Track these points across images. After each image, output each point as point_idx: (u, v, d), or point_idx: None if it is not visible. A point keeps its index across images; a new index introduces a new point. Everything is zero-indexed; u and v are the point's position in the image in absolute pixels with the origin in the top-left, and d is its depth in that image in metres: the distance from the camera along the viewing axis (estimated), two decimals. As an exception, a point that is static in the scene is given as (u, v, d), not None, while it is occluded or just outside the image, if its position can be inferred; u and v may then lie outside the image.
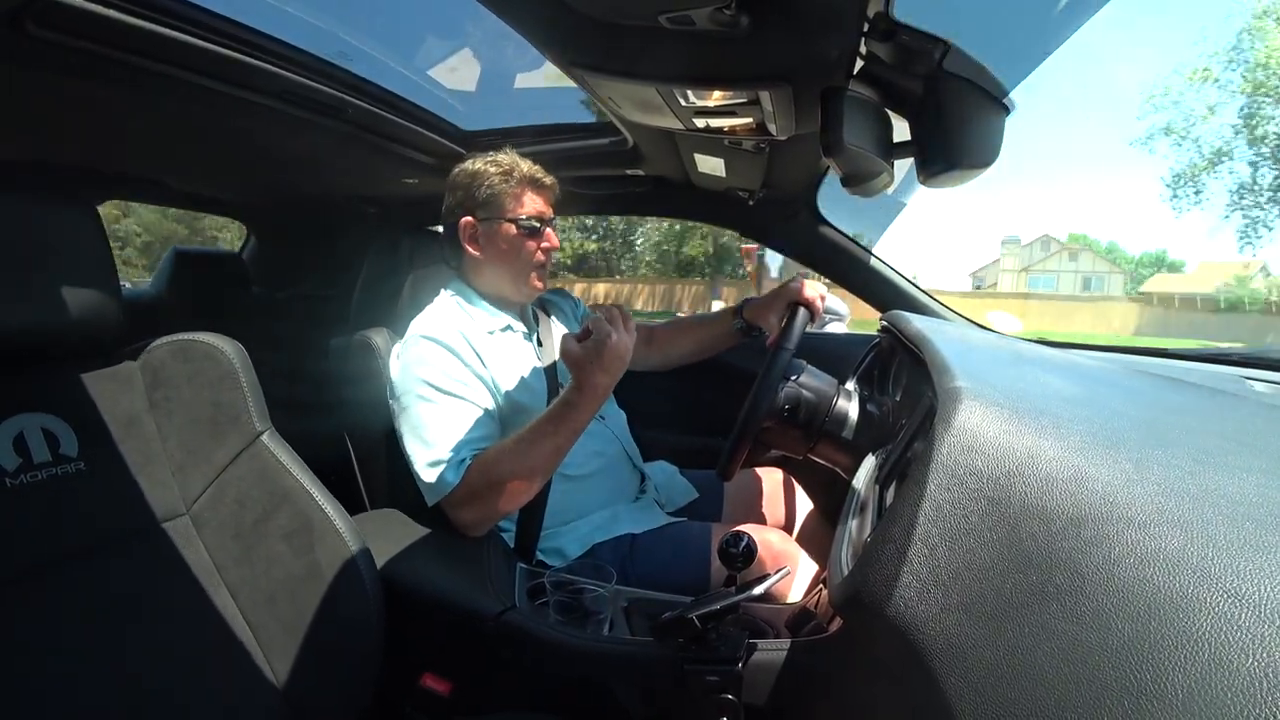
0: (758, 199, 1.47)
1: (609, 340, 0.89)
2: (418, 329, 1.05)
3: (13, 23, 0.70)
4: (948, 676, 0.36)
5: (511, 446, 0.93)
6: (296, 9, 1.02)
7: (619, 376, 0.92)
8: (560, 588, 0.83)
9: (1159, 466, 0.38)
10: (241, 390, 0.82)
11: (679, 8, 0.65)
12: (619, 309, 0.94)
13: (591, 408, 0.93)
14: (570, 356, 0.90)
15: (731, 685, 0.63)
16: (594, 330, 0.90)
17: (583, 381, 0.91)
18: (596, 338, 0.89)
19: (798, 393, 0.91)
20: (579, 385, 0.91)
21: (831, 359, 1.13)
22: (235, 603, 0.77)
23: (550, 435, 0.92)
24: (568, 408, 0.92)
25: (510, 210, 1.09)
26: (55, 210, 0.70)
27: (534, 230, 1.10)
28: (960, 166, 0.66)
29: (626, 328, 0.92)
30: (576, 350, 0.90)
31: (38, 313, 0.68)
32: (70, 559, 0.68)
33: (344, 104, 1.08)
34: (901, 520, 0.44)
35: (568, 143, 1.39)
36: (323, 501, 0.80)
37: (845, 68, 0.75)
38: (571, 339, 0.92)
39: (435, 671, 0.83)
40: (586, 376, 0.90)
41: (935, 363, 0.61)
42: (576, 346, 0.90)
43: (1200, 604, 0.28)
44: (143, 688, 0.67)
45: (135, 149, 1.33)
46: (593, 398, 0.91)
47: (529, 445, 0.92)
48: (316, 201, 1.94)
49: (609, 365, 0.90)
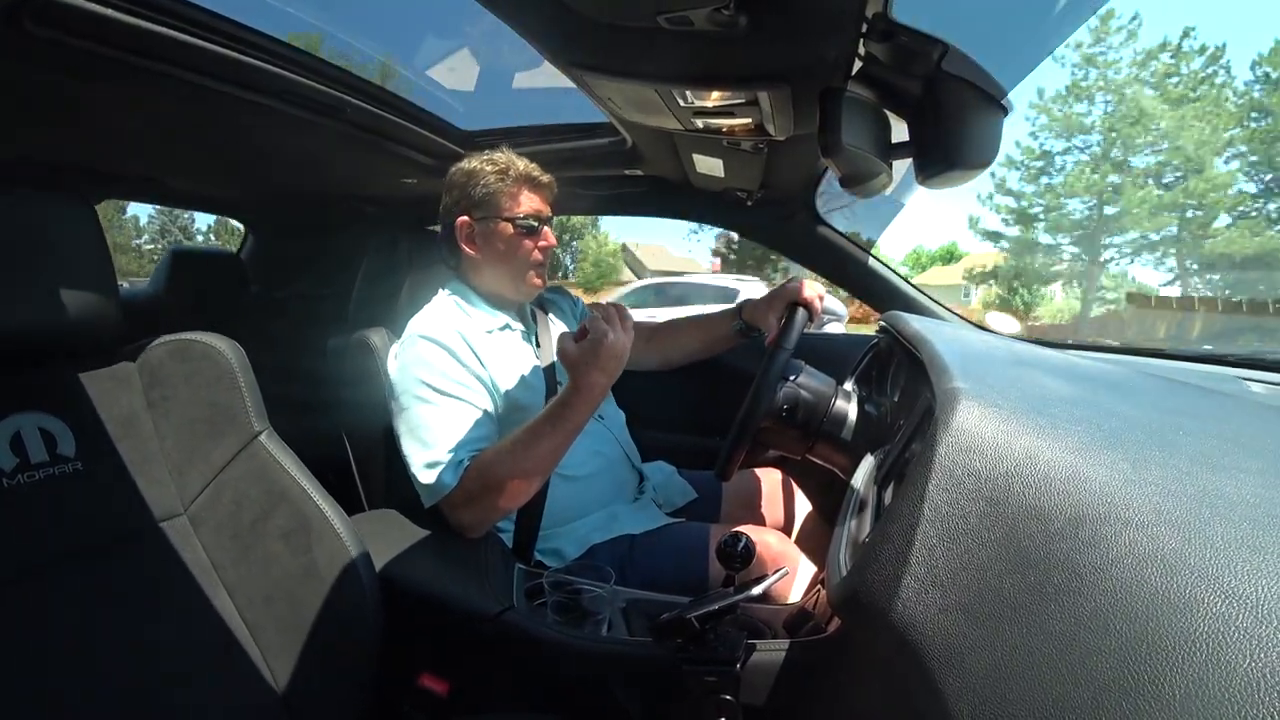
0: (756, 199, 1.48)
1: (605, 339, 0.88)
2: (416, 328, 1.04)
3: (10, 20, 0.70)
4: (946, 676, 0.36)
5: (509, 448, 0.93)
6: (296, 9, 1.02)
7: (616, 376, 0.91)
8: (558, 588, 0.83)
9: (1156, 467, 0.38)
10: (239, 390, 0.82)
11: (677, 8, 0.65)
12: (617, 308, 0.93)
13: (588, 408, 0.92)
14: (567, 356, 0.89)
15: (730, 686, 0.63)
16: (591, 329, 0.89)
17: (579, 381, 0.90)
18: (593, 337, 0.88)
19: (796, 393, 0.91)
20: (575, 385, 0.90)
21: (829, 359, 1.13)
22: (233, 602, 0.77)
23: (547, 435, 0.91)
24: (564, 408, 0.91)
25: (507, 209, 1.09)
26: (53, 209, 0.69)
27: (531, 229, 1.10)
28: (959, 167, 0.66)
29: (624, 327, 0.91)
30: (573, 350, 0.89)
31: (35, 312, 0.68)
32: (68, 559, 0.68)
33: (343, 103, 1.07)
34: (900, 521, 0.44)
35: (566, 143, 1.39)
36: (321, 501, 0.80)
37: (844, 68, 0.75)
38: (568, 338, 0.91)
39: (433, 671, 0.83)
40: (583, 376, 0.89)
41: (933, 363, 0.61)
42: (573, 346, 0.89)
43: (1198, 604, 0.28)
44: (140, 688, 0.67)
45: (133, 148, 1.33)
46: (589, 398, 0.90)
47: (526, 446, 0.92)
48: (315, 201, 1.93)
49: (606, 365, 0.89)
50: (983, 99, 0.67)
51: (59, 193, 0.71)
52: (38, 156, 1.34)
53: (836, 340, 1.63)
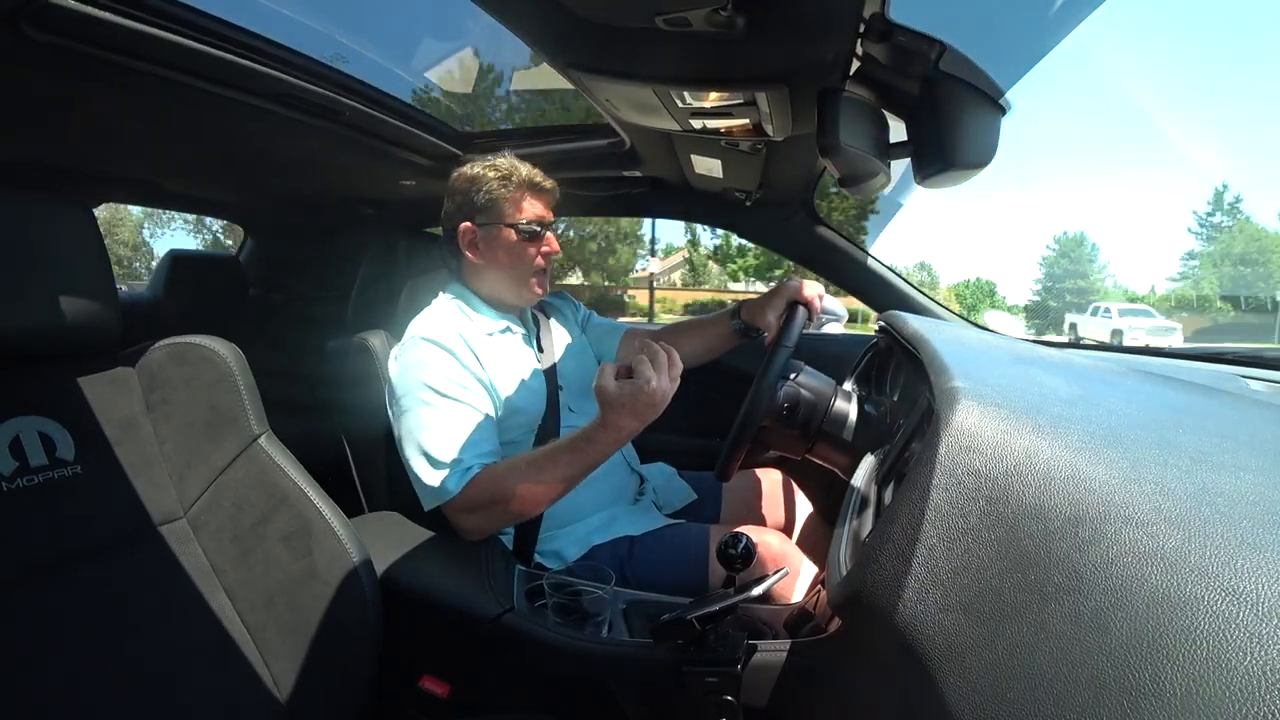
0: (755, 200, 1.48)
1: (647, 386, 0.84)
2: (417, 330, 1.04)
3: (8, 24, 0.70)
4: (946, 676, 0.36)
5: (523, 467, 0.92)
6: (293, 12, 1.02)
7: (648, 423, 0.88)
8: (559, 589, 0.83)
9: (1156, 465, 0.38)
10: (239, 393, 0.82)
11: (675, 9, 0.65)
12: (669, 353, 0.88)
13: (612, 447, 0.89)
14: (604, 393, 0.85)
15: (730, 686, 0.63)
16: (635, 372, 0.85)
17: (609, 420, 0.86)
18: (636, 382, 0.84)
19: (796, 393, 0.91)
20: (604, 423, 0.87)
21: (829, 359, 1.13)
22: (233, 605, 0.77)
23: (564, 465, 0.90)
24: (588, 442, 0.89)
25: (509, 215, 1.08)
26: (51, 212, 0.69)
27: (534, 235, 1.10)
28: (956, 166, 0.66)
29: (670, 375, 0.86)
30: (611, 388, 0.85)
31: (34, 315, 0.67)
32: (68, 562, 0.68)
33: (340, 106, 1.08)
34: (900, 520, 0.44)
35: (564, 144, 1.39)
36: (320, 504, 0.79)
37: (841, 69, 0.75)
38: (609, 373, 0.86)
39: (434, 673, 0.83)
40: (615, 417, 0.86)
41: (933, 363, 0.61)
42: (612, 384, 0.85)
43: (1198, 602, 0.28)
44: (140, 690, 0.67)
45: (131, 151, 1.33)
46: (615, 439, 0.88)
47: (540, 470, 0.91)
48: (313, 203, 1.93)
49: (641, 411, 0.85)
50: (980, 99, 0.67)
51: (57, 196, 0.71)
52: (36, 159, 1.35)
53: (836, 340, 1.63)
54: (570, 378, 1.17)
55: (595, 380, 0.87)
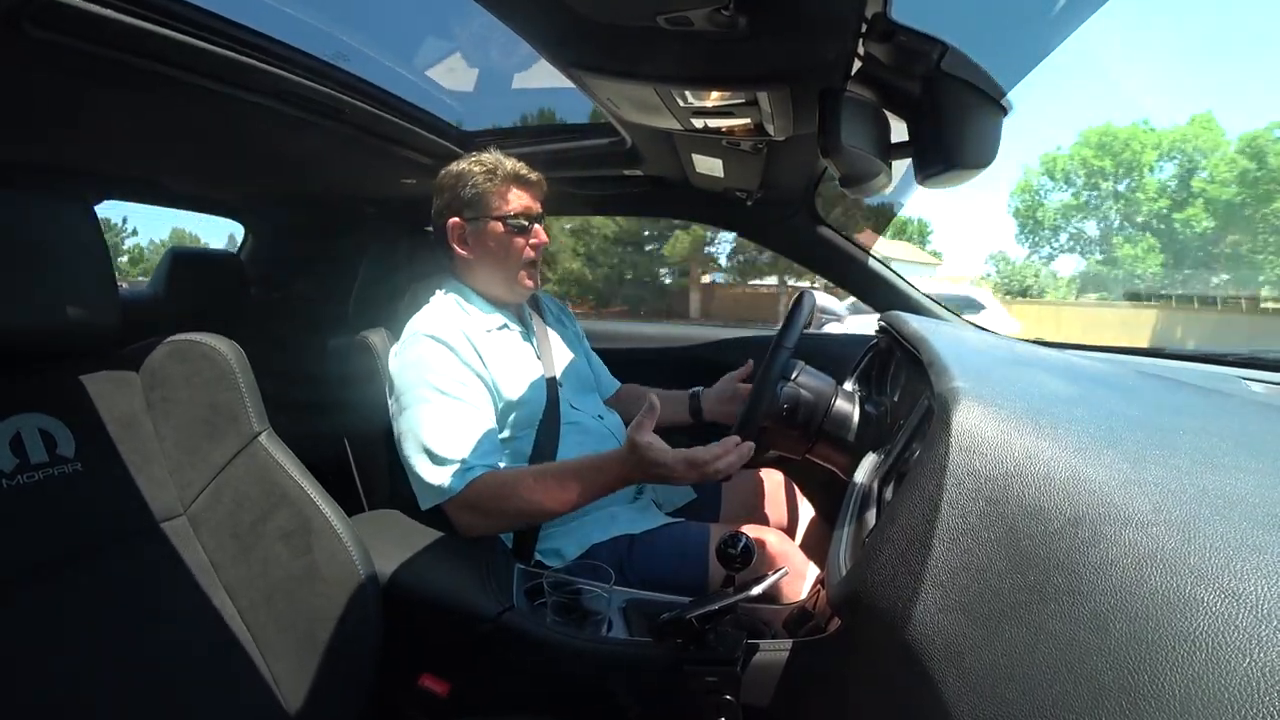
0: (756, 199, 1.48)
1: (706, 467, 0.86)
2: (417, 327, 1.04)
3: (10, 23, 0.70)
4: (945, 676, 0.36)
5: (531, 481, 0.93)
6: (295, 9, 1.02)
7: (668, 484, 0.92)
8: (558, 588, 0.83)
9: (1156, 466, 0.38)
10: (239, 391, 0.82)
11: (677, 8, 0.65)
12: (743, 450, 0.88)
13: (619, 485, 0.93)
14: (652, 449, 0.87)
15: (730, 685, 0.63)
16: (706, 451, 0.87)
17: (647, 466, 0.88)
18: (700, 455, 0.86)
19: (796, 393, 0.91)
20: (640, 463, 0.88)
21: (829, 359, 1.13)
22: (233, 603, 0.77)
23: (572, 488, 0.92)
24: (605, 474, 0.91)
25: (496, 208, 1.09)
26: (53, 210, 0.69)
27: (522, 228, 1.10)
28: (958, 167, 0.66)
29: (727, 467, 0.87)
30: (668, 453, 0.87)
31: (35, 313, 0.68)
32: (68, 560, 0.68)
33: (342, 104, 1.08)
34: (900, 520, 0.44)
35: (566, 143, 1.39)
36: (321, 502, 0.80)
37: (843, 69, 0.75)
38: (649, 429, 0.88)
39: (433, 672, 0.83)
40: (654, 470, 0.88)
41: (933, 363, 0.61)
42: (666, 448, 0.87)
43: (1198, 604, 0.28)
44: (140, 688, 0.67)
45: (132, 149, 1.33)
46: (638, 478, 0.91)
47: (548, 487, 0.92)
48: (315, 202, 1.93)
49: (684, 476, 0.88)
50: (982, 99, 0.67)
51: (59, 194, 0.71)
52: (38, 158, 1.35)
53: (836, 340, 1.63)
54: (568, 374, 1.18)
55: (635, 434, 0.88)
